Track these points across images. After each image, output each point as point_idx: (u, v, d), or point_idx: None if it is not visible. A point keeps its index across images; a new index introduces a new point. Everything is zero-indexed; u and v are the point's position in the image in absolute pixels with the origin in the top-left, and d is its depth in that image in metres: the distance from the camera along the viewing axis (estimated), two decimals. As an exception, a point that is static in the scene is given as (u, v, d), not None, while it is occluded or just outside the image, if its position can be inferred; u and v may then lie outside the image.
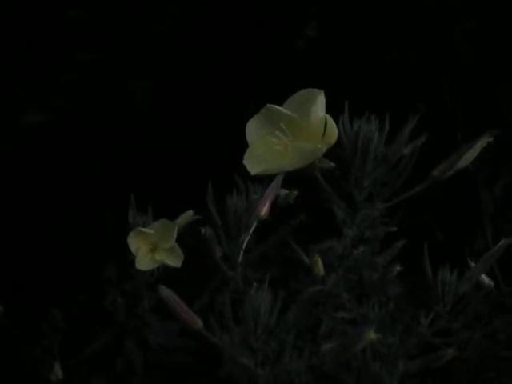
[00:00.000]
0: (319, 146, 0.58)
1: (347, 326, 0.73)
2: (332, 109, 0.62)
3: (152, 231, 0.88)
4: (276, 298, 0.62)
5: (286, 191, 0.91)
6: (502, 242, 0.75)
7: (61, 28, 1.31)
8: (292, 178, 0.82)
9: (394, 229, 0.66)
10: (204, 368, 1.05)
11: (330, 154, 0.62)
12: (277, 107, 0.61)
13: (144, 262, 0.90)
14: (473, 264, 0.94)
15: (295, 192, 0.91)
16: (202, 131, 1.20)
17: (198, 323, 0.62)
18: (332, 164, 0.61)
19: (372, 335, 0.59)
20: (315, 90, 0.61)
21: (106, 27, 1.33)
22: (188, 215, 0.95)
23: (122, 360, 1.07)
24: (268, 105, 0.62)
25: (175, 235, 0.88)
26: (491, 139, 0.64)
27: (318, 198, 0.71)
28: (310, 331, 0.69)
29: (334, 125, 0.59)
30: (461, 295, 0.73)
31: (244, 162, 0.59)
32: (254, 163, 0.59)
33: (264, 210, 0.82)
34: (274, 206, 0.84)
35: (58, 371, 1.07)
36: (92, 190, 1.12)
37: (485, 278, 1.00)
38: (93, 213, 1.11)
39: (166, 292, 0.61)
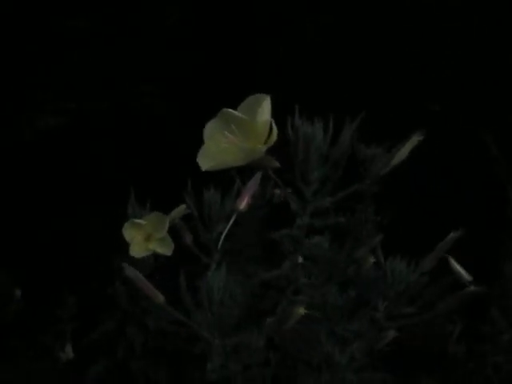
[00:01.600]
0: (259, 146, 0.68)
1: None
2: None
3: (145, 222, 1.00)
4: (231, 278, 0.72)
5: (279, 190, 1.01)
6: (451, 234, 0.83)
7: (69, 32, 1.45)
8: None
9: (342, 220, 0.75)
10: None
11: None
12: (230, 110, 0.72)
13: (137, 250, 1.02)
14: (452, 260, 1.04)
15: (289, 190, 1.02)
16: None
17: (160, 298, 0.74)
18: (276, 163, 0.71)
19: (301, 311, 0.68)
20: (263, 94, 0.71)
21: (113, 30, 1.46)
22: (181, 209, 1.07)
23: (125, 343, 1.19)
24: (223, 109, 0.73)
25: (167, 227, 1.00)
26: (421, 138, 0.72)
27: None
28: (270, 312, 0.79)
29: (275, 127, 0.69)
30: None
31: (197, 159, 0.70)
32: (204, 160, 0.70)
33: (243, 203, 0.92)
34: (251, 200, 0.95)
35: (69, 352, 1.22)
36: (102, 187, 1.25)
37: (463, 273, 1.08)
38: (104, 207, 1.24)
39: (130, 270, 0.72)
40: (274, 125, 0.69)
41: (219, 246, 0.91)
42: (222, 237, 0.92)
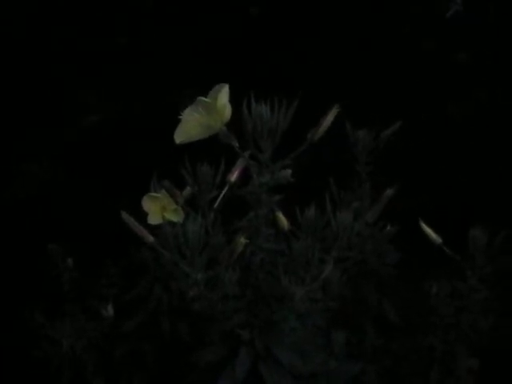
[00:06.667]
0: (215, 123, 0.95)
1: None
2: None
3: (160, 195, 1.30)
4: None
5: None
6: (387, 191, 1.07)
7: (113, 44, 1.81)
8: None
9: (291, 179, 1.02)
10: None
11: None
12: (201, 97, 1.00)
13: (154, 219, 1.32)
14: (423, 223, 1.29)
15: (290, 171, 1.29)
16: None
17: (150, 239, 1.02)
18: (232, 138, 0.98)
19: (241, 241, 0.95)
20: (223, 84, 0.99)
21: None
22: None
23: (153, 303, 1.50)
24: (198, 97, 1.02)
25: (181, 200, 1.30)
26: (339, 109, 0.97)
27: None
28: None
29: (230, 109, 0.96)
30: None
31: (174, 135, 0.99)
32: (177, 136, 0.99)
33: (233, 177, 1.21)
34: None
35: (110, 310, 1.54)
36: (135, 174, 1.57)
37: (433, 235, 1.30)
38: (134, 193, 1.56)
39: (125, 215, 1.02)
40: (229, 107, 0.97)
41: (215, 205, 1.19)
42: (219, 199, 1.20)
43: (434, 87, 1.93)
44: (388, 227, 1.07)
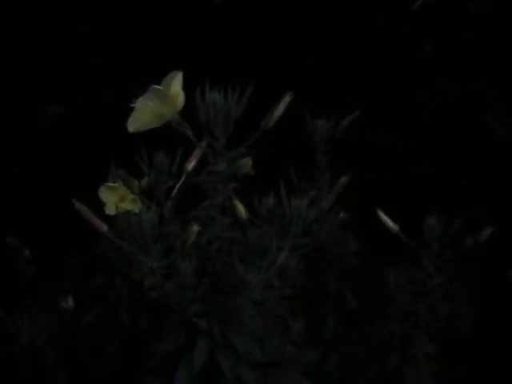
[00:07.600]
0: (167, 111, 0.95)
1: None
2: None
3: (117, 185, 1.30)
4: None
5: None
6: (342, 179, 1.08)
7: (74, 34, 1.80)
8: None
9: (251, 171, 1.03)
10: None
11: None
12: (154, 86, 1.00)
13: (112, 209, 1.32)
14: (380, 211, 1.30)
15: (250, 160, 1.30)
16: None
17: (104, 227, 1.02)
18: (186, 126, 0.98)
19: (194, 230, 0.96)
20: (177, 71, 0.99)
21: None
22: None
23: (114, 294, 1.50)
24: (151, 86, 1.01)
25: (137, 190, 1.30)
26: (292, 97, 0.98)
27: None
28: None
29: (183, 97, 0.96)
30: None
31: (127, 124, 0.99)
32: (130, 124, 0.99)
33: (191, 165, 1.21)
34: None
35: (70, 301, 1.53)
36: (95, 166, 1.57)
37: (390, 223, 1.32)
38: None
39: (78, 205, 1.01)
40: (181, 95, 0.97)
41: (173, 194, 1.20)
42: (176, 188, 1.20)
43: (397, 77, 1.95)
44: (341, 214, 1.09)
